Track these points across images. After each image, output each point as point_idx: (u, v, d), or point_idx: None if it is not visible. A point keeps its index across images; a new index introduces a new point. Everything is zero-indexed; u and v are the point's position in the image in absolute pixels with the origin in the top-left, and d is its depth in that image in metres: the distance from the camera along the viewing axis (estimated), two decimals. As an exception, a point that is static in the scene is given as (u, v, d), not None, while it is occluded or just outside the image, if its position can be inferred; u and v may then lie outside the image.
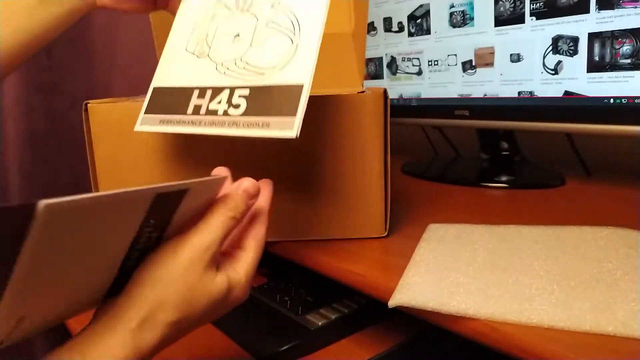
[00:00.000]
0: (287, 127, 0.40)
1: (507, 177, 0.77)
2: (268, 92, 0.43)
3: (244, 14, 0.49)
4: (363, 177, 0.52)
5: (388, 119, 0.51)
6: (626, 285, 0.37)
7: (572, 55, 0.64)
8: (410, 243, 0.49)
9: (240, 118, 0.43)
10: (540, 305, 0.36)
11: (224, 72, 0.46)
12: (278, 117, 0.41)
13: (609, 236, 0.47)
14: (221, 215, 0.37)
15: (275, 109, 0.42)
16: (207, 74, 0.47)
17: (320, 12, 0.45)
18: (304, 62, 0.43)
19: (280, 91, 0.43)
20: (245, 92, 0.44)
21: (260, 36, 0.47)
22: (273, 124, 0.41)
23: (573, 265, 0.41)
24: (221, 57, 0.48)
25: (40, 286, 0.29)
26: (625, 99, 0.60)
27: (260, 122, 0.42)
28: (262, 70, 0.45)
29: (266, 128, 0.41)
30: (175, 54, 0.50)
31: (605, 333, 0.32)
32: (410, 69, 0.86)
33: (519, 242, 0.47)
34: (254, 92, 0.44)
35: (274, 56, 0.45)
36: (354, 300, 0.58)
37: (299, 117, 0.40)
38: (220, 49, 0.48)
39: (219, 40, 0.49)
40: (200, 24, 0.50)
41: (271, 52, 0.45)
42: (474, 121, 0.78)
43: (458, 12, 0.76)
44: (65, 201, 0.25)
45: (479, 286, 0.39)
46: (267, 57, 0.45)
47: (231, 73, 0.46)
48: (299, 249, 0.53)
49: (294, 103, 0.41)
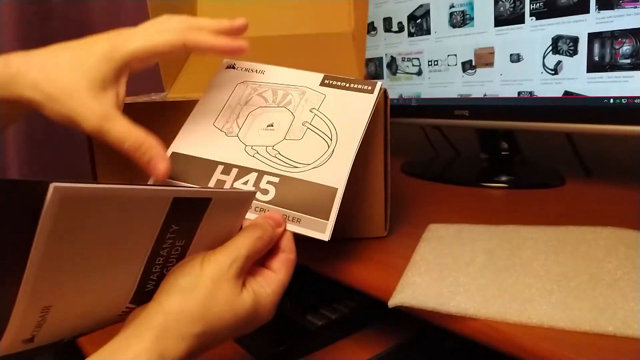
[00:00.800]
0: (319, 229, 0.41)
1: (507, 177, 0.77)
2: (300, 186, 0.43)
3: (279, 108, 0.49)
4: (363, 177, 0.52)
5: (388, 119, 0.51)
6: (626, 285, 0.37)
7: (571, 56, 0.64)
8: (410, 243, 0.49)
9: (268, 205, 0.43)
10: (540, 305, 0.36)
11: (252, 155, 0.46)
12: (310, 216, 0.42)
13: (608, 236, 0.47)
14: (249, 236, 0.38)
15: (307, 207, 0.42)
16: (234, 152, 0.47)
17: (361, 127, 0.46)
18: (340, 168, 0.44)
19: (313, 189, 0.43)
20: (274, 179, 0.44)
21: (296, 132, 0.47)
22: (304, 222, 0.42)
23: (573, 266, 0.41)
24: (251, 140, 0.47)
25: (60, 273, 0.29)
26: (625, 99, 0.60)
27: (291, 216, 0.42)
28: (294, 164, 0.45)
29: (297, 224, 0.42)
30: (201, 125, 0.49)
31: (605, 333, 0.32)
32: (410, 69, 0.86)
33: (518, 242, 0.47)
34: (285, 181, 0.44)
35: (308, 154, 0.45)
36: (354, 300, 0.58)
37: (332, 222, 0.41)
38: (250, 133, 0.48)
39: (251, 124, 0.49)
40: (233, 105, 0.50)
41: (306, 149, 0.46)
42: (474, 121, 0.78)
43: (458, 12, 0.76)
44: (76, 187, 0.26)
45: (478, 286, 0.39)
46: (301, 152, 0.46)
47: (261, 158, 0.46)
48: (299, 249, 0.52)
49: (327, 206, 0.42)
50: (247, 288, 0.37)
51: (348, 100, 0.49)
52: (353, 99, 0.49)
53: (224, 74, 0.53)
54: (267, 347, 0.51)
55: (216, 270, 0.36)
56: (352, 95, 0.50)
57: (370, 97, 0.49)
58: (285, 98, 0.50)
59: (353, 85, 0.51)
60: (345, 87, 0.50)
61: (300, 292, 0.60)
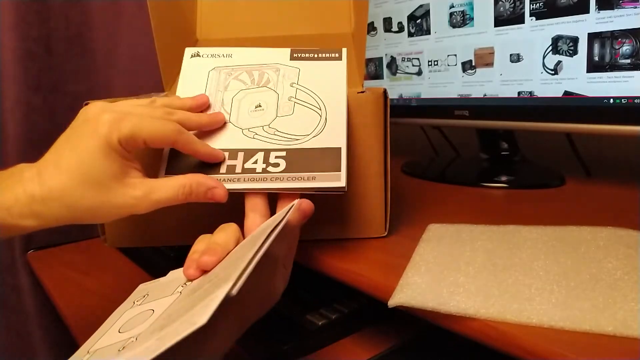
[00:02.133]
0: (334, 179, 0.43)
1: (507, 177, 0.77)
2: (306, 154, 0.45)
3: (261, 89, 0.50)
4: (363, 177, 0.52)
5: (388, 119, 0.51)
6: (626, 285, 0.37)
7: (571, 56, 0.64)
8: (410, 243, 0.49)
9: (283, 174, 0.44)
10: (540, 305, 0.36)
11: (252, 137, 0.47)
12: (323, 172, 0.44)
13: (608, 236, 0.47)
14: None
15: (318, 166, 0.44)
16: (233, 137, 0.47)
17: (343, 93, 0.49)
18: (337, 131, 0.46)
19: (319, 153, 0.45)
20: (281, 153, 0.46)
21: (285, 108, 0.49)
22: (319, 177, 0.44)
23: (573, 266, 0.41)
24: (246, 123, 0.48)
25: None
26: (625, 99, 0.60)
27: (306, 176, 0.44)
28: (295, 137, 0.47)
29: (312, 181, 0.44)
30: None
31: (605, 333, 0.32)
32: (410, 69, 0.86)
33: (518, 242, 0.47)
34: (291, 153, 0.46)
35: (304, 126, 0.47)
36: (354, 300, 0.58)
37: (344, 172, 0.43)
38: (242, 117, 0.49)
39: (238, 108, 0.49)
40: (213, 93, 0.51)
41: (300, 121, 0.48)
42: (474, 121, 0.78)
43: (458, 12, 0.76)
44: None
45: (478, 286, 0.39)
46: (297, 125, 0.47)
47: (261, 138, 0.47)
48: (299, 249, 0.53)
49: (336, 161, 0.44)
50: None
51: (321, 70, 0.52)
52: (325, 68, 0.52)
53: (191, 63, 0.53)
54: (267, 347, 0.51)
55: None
56: (323, 65, 0.52)
57: (341, 64, 0.52)
58: (262, 78, 0.51)
59: (321, 55, 0.53)
60: (315, 58, 0.53)
61: (300, 292, 0.60)
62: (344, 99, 0.49)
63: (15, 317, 0.92)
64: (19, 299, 0.92)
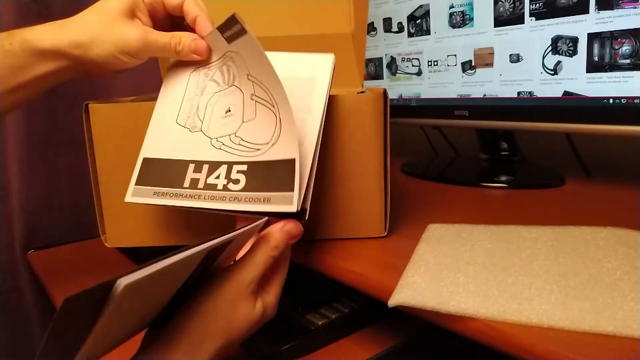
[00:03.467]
0: (287, 202, 0.42)
1: (507, 177, 0.77)
2: (265, 167, 0.45)
3: (230, 89, 0.50)
4: (363, 177, 0.52)
5: (388, 119, 0.51)
6: (625, 285, 0.37)
7: (571, 56, 0.64)
8: (410, 243, 0.49)
9: (241, 193, 0.44)
10: (540, 305, 0.36)
11: (219, 147, 0.47)
12: (277, 193, 0.43)
13: (608, 236, 0.47)
14: (264, 254, 0.41)
15: (274, 184, 0.44)
16: (202, 148, 0.48)
17: (275, 75, 0.43)
18: (290, 137, 0.44)
19: (276, 166, 0.44)
20: (243, 167, 0.46)
21: (249, 111, 0.48)
22: (274, 199, 0.43)
23: (572, 266, 0.41)
24: (215, 132, 0.48)
25: (105, 338, 0.33)
26: (625, 99, 0.60)
27: (262, 198, 0.43)
28: (257, 146, 0.46)
29: (267, 203, 0.43)
30: (165, 125, 0.50)
31: (605, 333, 0.32)
32: (410, 69, 0.86)
33: (518, 242, 0.47)
34: (252, 167, 0.45)
35: (265, 132, 0.46)
36: (354, 300, 0.58)
37: (297, 192, 0.42)
38: (212, 124, 0.49)
39: (211, 115, 0.50)
40: (190, 97, 0.51)
41: (261, 126, 0.47)
42: (474, 121, 0.78)
43: (458, 12, 0.76)
44: (140, 278, 0.28)
45: (478, 286, 0.39)
46: (259, 132, 0.47)
47: (227, 149, 0.47)
48: (299, 249, 0.53)
49: (289, 178, 0.43)
50: (258, 300, 0.41)
51: (248, 50, 0.46)
52: (245, 47, 0.46)
53: (176, 65, 0.53)
54: (267, 346, 0.51)
55: (234, 290, 0.40)
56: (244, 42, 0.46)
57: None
58: (230, 73, 0.50)
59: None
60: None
61: (300, 292, 0.60)
62: (279, 84, 0.43)
63: (15, 317, 0.92)
64: (19, 299, 0.92)
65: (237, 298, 0.40)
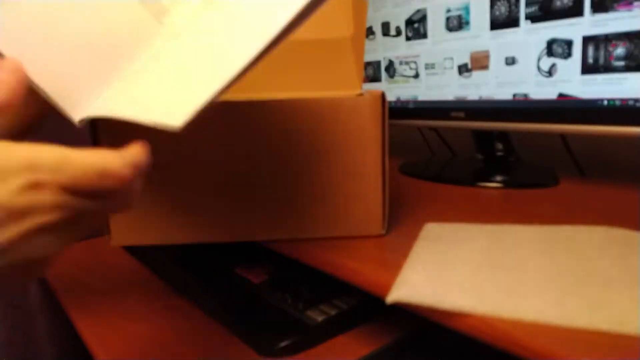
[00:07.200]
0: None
1: (502, 177, 0.78)
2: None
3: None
4: (362, 177, 0.53)
5: (386, 120, 0.52)
6: (620, 283, 0.38)
7: (566, 58, 0.65)
8: (408, 242, 0.50)
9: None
10: (535, 302, 0.36)
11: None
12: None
13: (602, 235, 0.48)
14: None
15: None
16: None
17: None
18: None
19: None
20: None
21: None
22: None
23: (567, 264, 0.42)
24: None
25: None
26: (619, 101, 0.61)
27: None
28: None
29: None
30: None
31: (600, 330, 0.33)
32: (408, 72, 0.87)
33: (514, 241, 0.48)
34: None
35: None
36: (353, 297, 0.59)
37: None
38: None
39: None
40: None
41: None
42: (470, 123, 0.79)
43: (454, 16, 0.77)
44: None
45: (474, 284, 0.40)
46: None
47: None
48: (299, 247, 0.54)
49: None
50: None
51: None
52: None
53: None
54: (267, 342, 0.52)
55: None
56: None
57: None
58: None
59: None
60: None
61: (300, 288, 0.61)
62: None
63: (20, 315, 0.92)
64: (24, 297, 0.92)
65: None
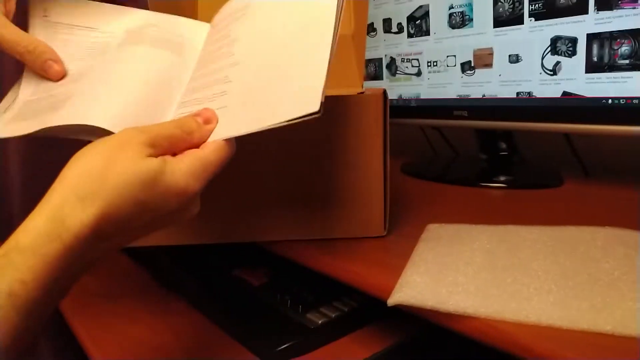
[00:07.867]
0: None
1: (506, 177, 0.77)
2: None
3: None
4: (363, 177, 0.52)
5: (387, 119, 0.51)
6: (624, 285, 0.38)
7: (570, 56, 0.65)
8: (409, 243, 0.50)
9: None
10: (539, 304, 0.36)
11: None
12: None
13: (607, 236, 0.47)
14: (169, 123, 0.38)
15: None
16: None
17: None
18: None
19: None
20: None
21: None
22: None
23: (571, 265, 0.42)
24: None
25: None
26: (623, 100, 0.61)
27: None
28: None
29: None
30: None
31: (603, 332, 0.32)
32: (410, 69, 0.87)
33: (517, 242, 0.48)
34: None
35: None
36: (354, 299, 0.58)
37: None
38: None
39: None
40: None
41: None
42: (473, 121, 0.79)
43: (457, 13, 0.76)
44: None
45: (477, 285, 0.39)
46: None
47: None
48: (299, 249, 0.53)
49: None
50: (158, 158, 0.34)
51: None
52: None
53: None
54: (268, 345, 0.51)
55: (122, 137, 0.34)
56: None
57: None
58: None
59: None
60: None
61: (300, 291, 0.60)
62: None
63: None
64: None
65: (123, 142, 0.33)
